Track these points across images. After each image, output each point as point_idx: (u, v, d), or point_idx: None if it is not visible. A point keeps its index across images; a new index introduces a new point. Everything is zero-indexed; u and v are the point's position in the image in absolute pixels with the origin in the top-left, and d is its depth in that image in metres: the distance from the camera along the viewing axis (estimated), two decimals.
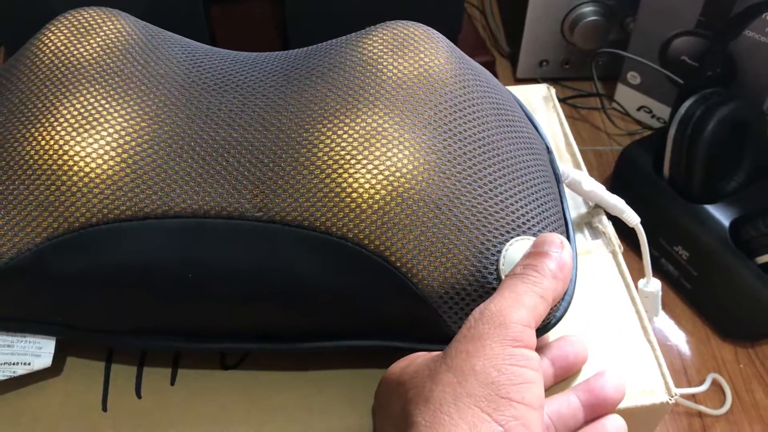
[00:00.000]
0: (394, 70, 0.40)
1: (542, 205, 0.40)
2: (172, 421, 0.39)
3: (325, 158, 0.37)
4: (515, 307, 0.33)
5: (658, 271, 0.79)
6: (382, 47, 0.42)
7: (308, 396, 0.40)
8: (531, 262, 0.35)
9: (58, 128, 0.38)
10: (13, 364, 0.38)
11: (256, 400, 0.40)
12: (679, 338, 0.76)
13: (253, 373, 0.41)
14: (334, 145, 0.38)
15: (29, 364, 0.39)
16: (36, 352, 0.39)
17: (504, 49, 1.01)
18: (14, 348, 0.39)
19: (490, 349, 0.31)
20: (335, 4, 0.79)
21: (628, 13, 0.89)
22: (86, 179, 0.37)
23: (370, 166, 0.37)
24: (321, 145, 0.38)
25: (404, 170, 0.37)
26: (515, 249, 0.37)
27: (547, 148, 0.45)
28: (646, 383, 0.40)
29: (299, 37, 0.81)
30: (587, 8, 0.89)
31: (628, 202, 0.48)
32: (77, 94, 0.39)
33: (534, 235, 0.38)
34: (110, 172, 0.37)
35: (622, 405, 0.39)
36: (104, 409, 0.39)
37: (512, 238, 0.37)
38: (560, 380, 0.40)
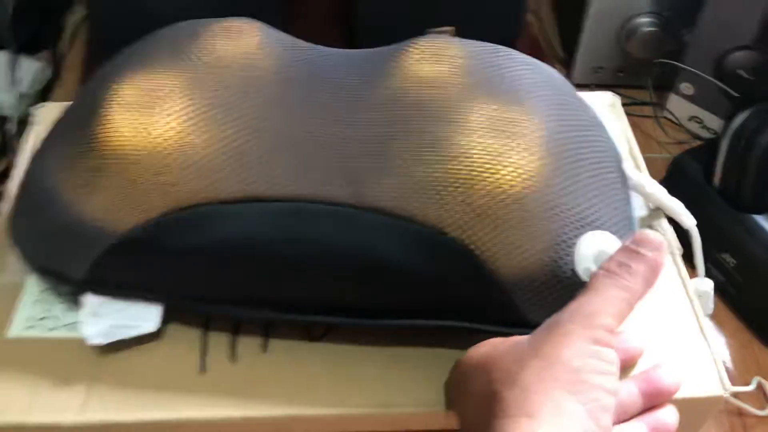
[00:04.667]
0: (483, 75, 0.44)
1: (612, 204, 0.43)
2: (264, 385, 0.42)
3: (412, 152, 0.41)
4: (603, 313, 0.35)
5: (705, 276, 0.81)
6: (471, 54, 0.45)
7: (387, 369, 0.43)
8: (626, 262, 0.37)
9: (174, 118, 0.41)
10: (125, 327, 0.42)
11: (338, 371, 0.43)
12: (721, 342, 0.78)
13: (337, 346, 0.44)
14: (419, 140, 0.41)
15: (139, 327, 0.42)
16: (145, 317, 0.43)
17: (559, 55, 1.04)
18: (125, 313, 0.43)
19: (575, 343, 0.34)
20: (404, 3, 0.82)
21: (685, 24, 0.91)
22: (198, 164, 0.40)
23: (453, 161, 0.40)
24: (410, 141, 0.41)
25: (485, 166, 0.40)
26: (589, 243, 0.40)
27: (616, 151, 0.48)
28: (702, 377, 0.43)
29: (367, 30, 0.85)
30: (645, 18, 0.91)
31: None
32: (190, 89, 0.43)
33: (605, 231, 0.41)
34: (219, 159, 0.41)
35: (678, 396, 0.41)
36: (203, 371, 0.43)
37: (586, 232, 0.40)
38: (619, 371, 0.43)
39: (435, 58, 0.45)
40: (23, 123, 0.86)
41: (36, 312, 0.45)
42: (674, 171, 0.84)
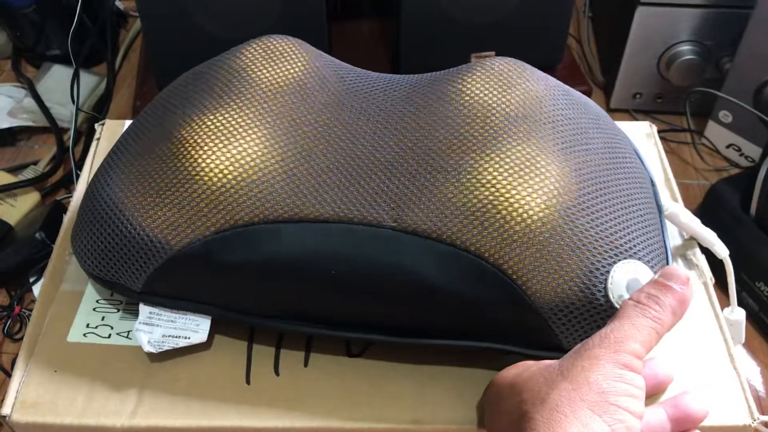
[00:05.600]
0: (523, 107, 0.46)
1: (647, 233, 0.44)
2: (305, 397, 0.44)
3: (453, 180, 0.42)
4: (631, 340, 0.37)
5: (738, 305, 0.82)
6: (511, 86, 0.47)
7: (422, 387, 0.45)
8: (655, 294, 0.38)
9: (235, 144, 0.44)
10: (176, 337, 0.45)
11: (376, 387, 0.45)
12: (754, 371, 0.78)
13: (374, 362, 0.46)
14: (460, 168, 0.43)
15: (189, 338, 0.45)
16: (194, 328, 0.45)
17: (598, 79, 1.05)
18: (176, 323, 0.45)
19: (603, 367, 0.36)
20: (446, 27, 0.84)
21: (725, 53, 0.92)
22: (255, 185, 0.43)
23: (491, 189, 0.42)
24: (450, 168, 0.43)
25: (523, 193, 0.42)
26: (622, 271, 0.41)
27: (651, 181, 0.49)
28: (731, 405, 0.44)
29: (410, 51, 0.87)
30: (685, 47, 0.92)
31: None
32: (249, 116, 0.45)
33: (639, 260, 0.42)
34: (273, 180, 0.43)
35: (706, 423, 0.42)
36: (248, 382, 0.45)
37: (620, 261, 0.42)
38: (648, 396, 0.44)
39: (477, 90, 0.47)
40: (79, 134, 0.90)
41: (93, 319, 0.48)
42: (711, 198, 0.85)
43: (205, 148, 0.44)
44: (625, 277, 0.41)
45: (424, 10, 0.83)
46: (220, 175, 0.43)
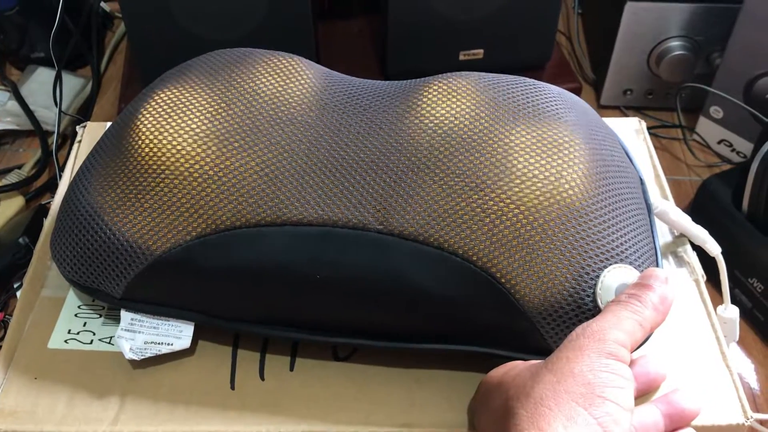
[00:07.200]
0: (511, 108, 0.45)
1: (637, 234, 0.43)
2: (291, 401, 0.44)
3: (440, 182, 0.42)
4: (615, 328, 0.36)
5: (731, 301, 0.81)
6: (499, 88, 0.46)
7: (411, 391, 0.44)
8: (635, 293, 0.38)
9: (213, 143, 0.43)
10: (158, 343, 0.44)
11: (363, 391, 0.44)
12: (748, 368, 0.77)
13: (362, 366, 0.45)
14: (446, 170, 0.42)
15: (171, 344, 0.44)
16: (177, 334, 0.44)
17: (588, 76, 1.04)
18: (159, 330, 0.44)
19: (587, 357, 0.35)
20: (434, 26, 0.84)
21: (715, 48, 0.91)
22: (235, 188, 0.42)
23: (480, 192, 0.41)
24: (437, 170, 0.42)
25: (514, 197, 0.41)
26: (612, 275, 0.40)
27: (641, 179, 0.49)
28: (724, 404, 0.43)
29: (398, 53, 0.86)
30: (675, 42, 0.91)
31: None
32: (230, 117, 0.44)
33: (630, 263, 0.41)
34: (254, 183, 0.42)
35: (700, 424, 0.42)
36: (232, 387, 0.44)
37: (610, 264, 0.41)
38: (640, 395, 0.44)
39: (464, 92, 0.46)
40: (65, 138, 0.89)
41: (74, 326, 0.47)
42: (702, 194, 0.84)
43: (182, 151, 0.43)
44: (614, 282, 0.41)
45: (411, 8, 0.82)
46: (200, 179, 0.42)
